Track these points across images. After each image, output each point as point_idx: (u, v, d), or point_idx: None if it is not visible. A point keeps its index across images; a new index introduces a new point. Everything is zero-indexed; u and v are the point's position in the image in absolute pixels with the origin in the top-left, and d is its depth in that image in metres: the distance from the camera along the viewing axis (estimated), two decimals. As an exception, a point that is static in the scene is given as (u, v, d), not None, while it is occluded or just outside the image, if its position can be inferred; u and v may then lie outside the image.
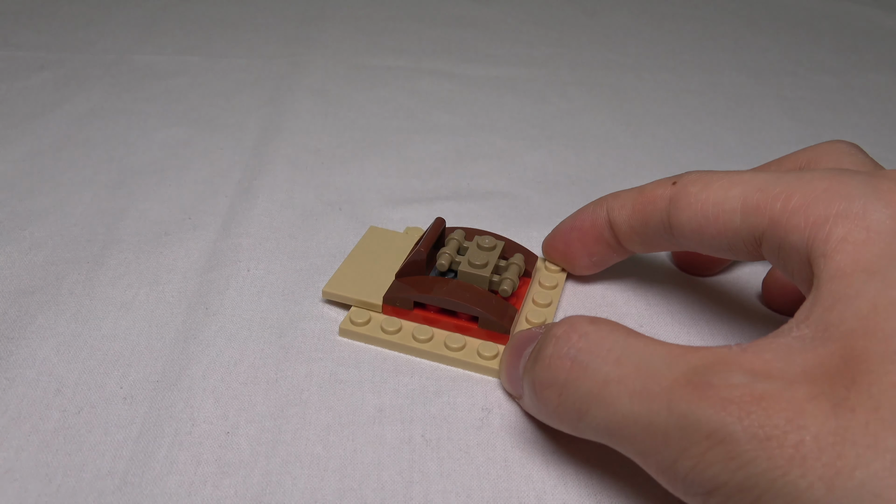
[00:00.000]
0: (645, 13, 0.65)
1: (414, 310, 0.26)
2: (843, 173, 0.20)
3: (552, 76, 0.51)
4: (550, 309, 0.27)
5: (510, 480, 0.21)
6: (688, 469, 0.16)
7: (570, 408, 0.19)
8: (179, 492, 0.20)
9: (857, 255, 0.18)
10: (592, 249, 0.27)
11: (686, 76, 0.53)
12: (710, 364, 0.17)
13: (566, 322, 0.20)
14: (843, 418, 0.15)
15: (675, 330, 0.28)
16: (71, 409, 0.22)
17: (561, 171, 0.39)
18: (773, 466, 0.15)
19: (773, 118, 0.47)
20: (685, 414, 0.16)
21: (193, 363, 0.24)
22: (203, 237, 0.31)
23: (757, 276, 0.31)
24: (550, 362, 0.20)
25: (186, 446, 0.22)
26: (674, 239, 0.24)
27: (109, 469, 0.21)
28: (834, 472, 0.15)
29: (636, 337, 0.19)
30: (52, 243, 0.30)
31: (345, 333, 0.26)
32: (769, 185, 0.20)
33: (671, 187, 0.23)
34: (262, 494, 0.20)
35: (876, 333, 0.16)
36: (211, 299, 0.27)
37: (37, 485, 0.20)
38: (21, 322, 0.26)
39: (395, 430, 0.23)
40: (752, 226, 0.21)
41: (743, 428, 0.16)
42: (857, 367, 0.16)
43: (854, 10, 0.68)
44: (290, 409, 0.23)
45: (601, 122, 0.45)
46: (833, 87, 0.53)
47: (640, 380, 0.18)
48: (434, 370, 0.25)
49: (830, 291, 0.17)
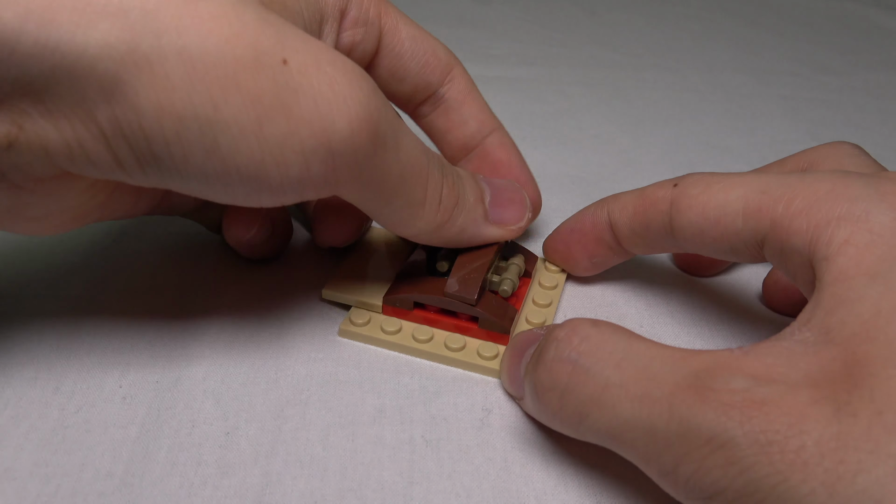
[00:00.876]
0: (645, 13, 0.65)
1: (414, 310, 0.26)
2: (845, 175, 0.20)
3: (552, 76, 0.51)
4: (550, 309, 0.27)
5: (510, 481, 0.21)
6: (689, 474, 0.16)
7: (571, 411, 0.19)
8: (179, 492, 0.20)
9: (860, 258, 0.17)
10: (593, 251, 0.27)
11: (686, 76, 0.53)
12: (711, 368, 0.17)
13: (567, 325, 0.20)
14: (845, 423, 0.15)
15: (675, 331, 0.28)
16: (70, 409, 0.22)
17: (561, 171, 0.39)
18: (774, 472, 0.15)
19: (773, 118, 0.48)
20: (686, 418, 0.16)
21: (193, 363, 0.24)
22: (203, 237, 0.31)
23: (758, 276, 0.31)
24: (551, 365, 0.20)
25: (186, 446, 0.21)
26: (675, 241, 0.24)
27: (109, 469, 0.21)
28: (835, 477, 0.14)
29: (638, 340, 0.19)
30: (51, 241, 0.30)
31: (345, 334, 0.26)
32: (771, 188, 0.20)
33: (672, 189, 0.23)
34: (262, 494, 0.20)
35: (878, 337, 0.16)
36: (211, 299, 0.27)
37: (36, 485, 0.20)
38: (20, 320, 0.25)
39: (395, 431, 0.23)
40: (754, 228, 0.21)
41: (744, 433, 0.15)
42: (859, 371, 0.16)
43: (854, 10, 0.68)
44: (290, 409, 0.23)
45: (601, 122, 0.45)
46: (834, 86, 0.53)
47: (642, 384, 0.18)
48: (434, 370, 0.25)
49: (832, 295, 0.17)
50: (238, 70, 0.17)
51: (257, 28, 0.18)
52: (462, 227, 0.25)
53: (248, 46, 0.17)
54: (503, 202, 0.26)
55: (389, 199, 0.22)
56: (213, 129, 0.18)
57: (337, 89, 0.19)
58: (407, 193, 0.22)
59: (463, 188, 0.25)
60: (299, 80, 0.18)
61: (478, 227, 0.25)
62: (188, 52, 0.17)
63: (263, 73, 0.18)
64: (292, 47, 0.18)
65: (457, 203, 0.24)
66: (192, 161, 0.18)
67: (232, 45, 0.17)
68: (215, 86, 0.17)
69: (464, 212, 0.25)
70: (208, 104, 0.17)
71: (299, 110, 0.18)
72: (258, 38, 0.18)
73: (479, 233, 0.25)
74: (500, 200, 0.26)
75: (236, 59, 0.17)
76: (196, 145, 0.18)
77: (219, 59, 0.17)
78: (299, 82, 0.18)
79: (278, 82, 0.18)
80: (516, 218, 0.26)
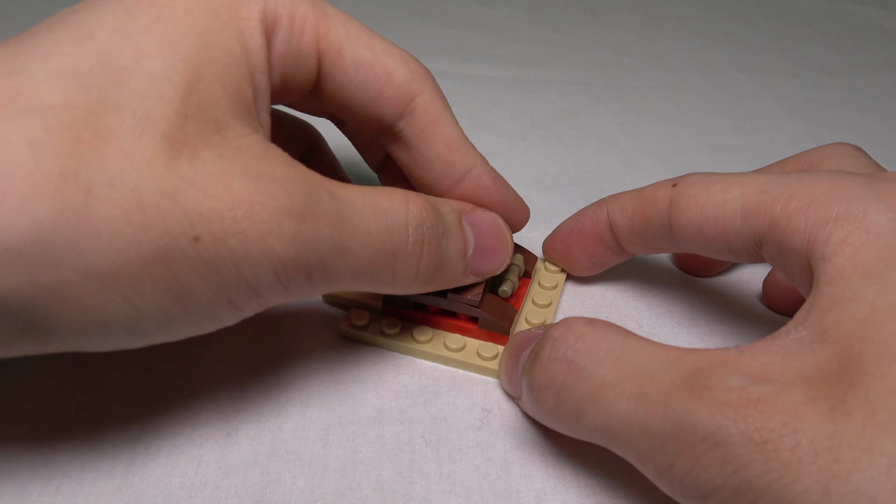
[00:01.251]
0: (645, 13, 0.65)
1: (414, 310, 0.26)
2: (843, 175, 0.20)
3: (552, 76, 0.51)
4: (550, 309, 0.27)
5: (510, 481, 0.21)
6: (684, 472, 0.16)
7: (567, 410, 0.19)
8: (179, 492, 0.20)
9: (857, 257, 0.18)
10: (592, 251, 0.27)
11: (686, 76, 0.53)
12: (706, 367, 0.17)
13: (564, 323, 0.20)
14: (840, 422, 0.15)
15: (674, 330, 0.28)
16: (70, 409, 0.22)
17: (561, 171, 0.39)
18: (768, 470, 0.15)
19: (773, 118, 0.47)
20: (681, 417, 0.16)
21: (193, 363, 0.24)
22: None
23: (757, 276, 0.31)
24: (547, 364, 0.20)
25: (186, 447, 0.22)
26: (674, 241, 0.24)
27: (109, 469, 0.21)
28: (830, 476, 0.15)
29: (634, 339, 0.19)
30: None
31: (345, 334, 0.26)
32: (769, 187, 0.20)
33: (671, 189, 0.23)
34: (262, 494, 0.20)
35: (874, 337, 0.16)
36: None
37: (36, 485, 0.20)
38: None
39: (394, 431, 0.23)
40: (753, 228, 0.21)
41: (739, 431, 0.16)
42: (854, 370, 0.16)
43: (854, 10, 0.68)
44: (290, 409, 0.23)
45: (601, 122, 0.45)
46: (834, 86, 0.53)
47: (637, 382, 0.18)
48: (434, 370, 0.25)
49: (829, 294, 0.17)
50: (147, 267, 0.17)
51: (160, 212, 0.17)
52: (441, 285, 0.24)
53: (153, 239, 0.17)
54: (485, 252, 0.24)
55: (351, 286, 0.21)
56: (138, 323, 0.18)
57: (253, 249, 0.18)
58: (369, 279, 0.21)
59: (447, 248, 0.23)
60: (214, 251, 0.17)
61: (455, 280, 0.24)
62: (93, 271, 0.16)
63: (176, 260, 0.17)
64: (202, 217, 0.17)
65: (438, 268, 0.23)
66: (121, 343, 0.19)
67: (135, 245, 0.17)
68: (129, 289, 0.17)
69: (444, 273, 0.23)
70: (126, 307, 0.17)
71: (220, 277, 0.18)
72: (164, 226, 0.17)
73: (453, 283, 0.24)
74: (483, 250, 0.24)
75: (142, 257, 0.17)
76: (124, 336, 0.18)
77: (125, 265, 0.17)
78: (215, 253, 0.17)
79: (193, 262, 0.17)
80: (494, 268, 0.25)
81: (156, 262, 0.17)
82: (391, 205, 0.21)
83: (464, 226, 0.24)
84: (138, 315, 0.17)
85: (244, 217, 0.17)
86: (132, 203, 0.16)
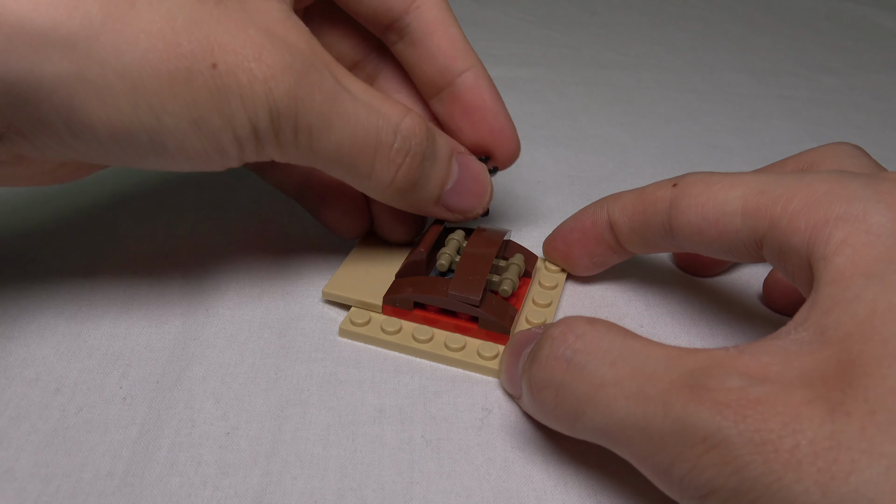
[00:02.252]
0: (645, 13, 0.65)
1: (414, 310, 0.26)
2: (844, 176, 0.20)
3: (552, 76, 0.51)
4: (550, 309, 0.27)
5: (510, 481, 0.21)
6: (683, 473, 0.16)
7: (566, 409, 0.19)
8: (179, 492, 0.20)
9: (857, 258, 0.18)
10: (593, 250, 0.27)
11: (686, 76, 0.53)
12: (706, 367, 0.17)
13: (563, 323, 0.20)
14: (839, 423, 0.15)
15: (675, 330, 0.28)
16: (70, 409, 0.22)
17: (561, 171, 0.39)
18: (768, 471, 0.15)
19: (773, 118, 0.48)
20: (681, 417, 0.16)
21: (193, 363, 0.24)
22: (203, 238, 0.31)
23: (758, 276, 0.31)
24: (546, 363, 0.20)
25: (186, 447, 0.22)
26: (674, 240, 0.24)
27: (109, 469, 0.21)
28: (829, 476, 0.15)
29: (633, 338, 0.19)
30: (51, 242, 0.30)
31: (345, 334, 0.26)
32: (770, 187, 0.20)
33: (672, 189, 0.23)
34: (262, 494, 0.20)
35: (873, 337, 0.16)
36: (210, 299, 0.27)
37: (36, 485, 0.20)
38: (20, 321, 0.26)
39: (395, 431, 0.23)
40: (753, 228, 0.21)
41: (738, 432, 0.16)
42: (853, 371, 0.16)
43: (854, 10, 0.68)
44: (290, 409, 0.23)
45: (601, 122, 0.45)
46: (834, 86, 0.53)
47: (637, 382, 0.18)
48: (434, 370, 0.25)
49: (829, 294, 0.17)
50: (173, 83, 0.20)
51: (189, 35, 0.20)
52: (410, 203, 0.25)
53: (180, 58, 0.20)
54: (463, 192, 0.26)
55: (329, 168, 0.23)
56: (159, 136, 0.20)
57: (257, 87, 0.20)
58: (347, 166, 0.23)
59: (429, 170, 0.25)
60: (227, 82, 0.20)
61: (425, 205, 0.26)
62: (129, 74, 0.19)
63: (196, 82, 0.20)
64: (221, 48, 0.20)
65: (413, 185, 0.25)
66: (144, 160, 0.22)
67: (165, 60, 0.20)
68: (155, 99, 0.20)
69: (418, 193, 0.25)
70: (151, 117, 0.20)
71: (230, 108, 0.20)
72: (189, 48, 0.20)
73: (424, 210, 0.26)
74: (461, 190, 0.26)
75: (170, 73, 0.20)
76: (146, 148, 0.21)
77: (155, 76, 0.20)
78: (226, 84, 0.20)
79: (210, 87, 0.20)
80: (465, 209, 0.27)
81: (181, 81, 0.20)
82: (388, 110, 0.23)
83: (452, 161, 0.26)
84: (160, 127, 0.20)
85: (253, 58, 0.20)
86: (166, 22, 0.20)
